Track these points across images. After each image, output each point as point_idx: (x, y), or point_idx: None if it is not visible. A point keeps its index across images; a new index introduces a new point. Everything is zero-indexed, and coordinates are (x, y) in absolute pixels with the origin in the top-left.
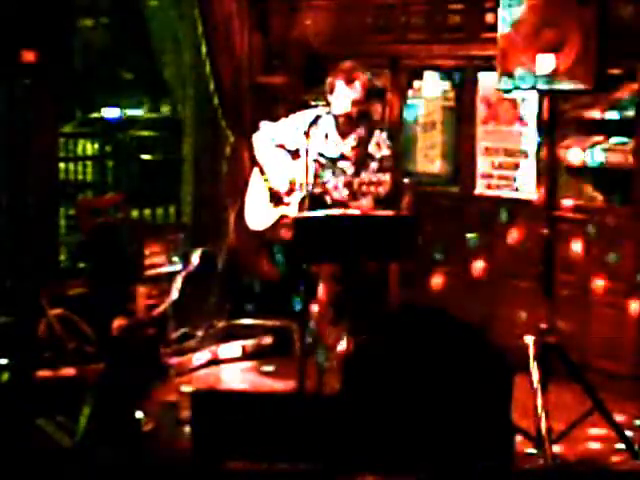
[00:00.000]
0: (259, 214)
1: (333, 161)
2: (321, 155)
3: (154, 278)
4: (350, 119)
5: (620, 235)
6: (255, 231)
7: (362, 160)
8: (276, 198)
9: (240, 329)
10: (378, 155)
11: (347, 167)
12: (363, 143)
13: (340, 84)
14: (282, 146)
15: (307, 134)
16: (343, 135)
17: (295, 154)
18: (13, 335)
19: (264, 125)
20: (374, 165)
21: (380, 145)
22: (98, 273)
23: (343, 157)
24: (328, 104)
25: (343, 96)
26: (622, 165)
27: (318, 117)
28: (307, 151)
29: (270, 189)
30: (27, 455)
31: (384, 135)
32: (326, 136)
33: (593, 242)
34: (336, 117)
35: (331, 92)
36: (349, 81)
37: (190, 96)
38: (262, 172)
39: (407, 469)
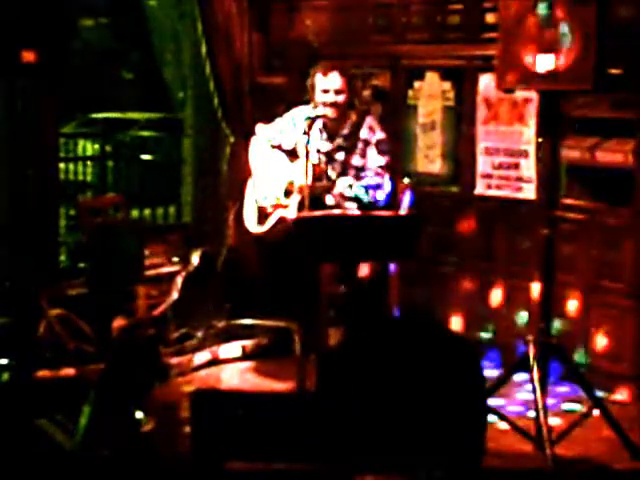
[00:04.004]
0: (256, 219)
1: (329, 154)
2: (318, 151)
3: (154, 278)
4: (339, 110)
5: (620, 235)
6: (254, 233)
7: (355, 146)
8: (263, 217)
9: (240, 329)
10: (374, 139)
11: (343, 157)
12: (354, 130)
13: (319, 78)
14: (279, 147)
15: (307, 133)
16: (334, 129)
17: (292, 156)
18: (13, 335)
19: (260, 128)
20: (372, 150)
21: (374, 129)
22: (98, 273)
23: (338, 148)
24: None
25: (323, 90)
26: (622, 165)
27: (318, 116)
28: (307, 151)
29: (259, 208)
30: (27, 455)
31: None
32: (320, 132)
33: (593, 242)
34: (324, 115)
35: (313, 91)
36: (325, 73)
37: (190, 96)
38: (254, 185)
39: (404, 467)
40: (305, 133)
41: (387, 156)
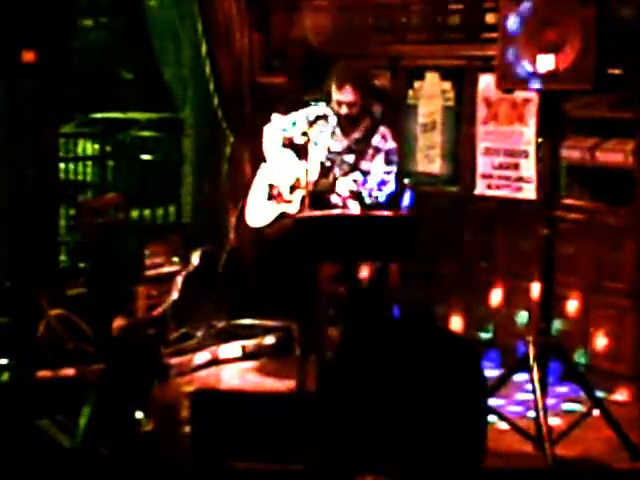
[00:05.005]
0: (259, 210)
1: (339, 155)
2: (329, 151)
3: (154, 278)
4: (351, 119)
5: (620, 235)
6: (254, 228)
7: (365, 152)
8: (274, 197)
9: (240, 329)
10: (384, 148)
11: (352, 160)
12: (367, 136)
13: (333, 90)
14: (290, 140)
15: (311, 124)
16: (346, 131)
17: (303, 152)
18: (13, 335)
19: (274, 117)
20: (380, 157)
21: (386, 137)
22: (98, 273)
23: (348, 150)
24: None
25: (337, 101)
26: (622, 165)
27: (319, 117)
28: (307, 149)
29: (270, 186)
30: (27, 455)
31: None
32: (333, 132)
33: (593, 242)
34: (338, 116)
35: (329, 98)
36: (339, 87)
37: (190, 96)
38: (267, 165)
39: (404, 467)
40: (310, 125)
41: (394, 165)
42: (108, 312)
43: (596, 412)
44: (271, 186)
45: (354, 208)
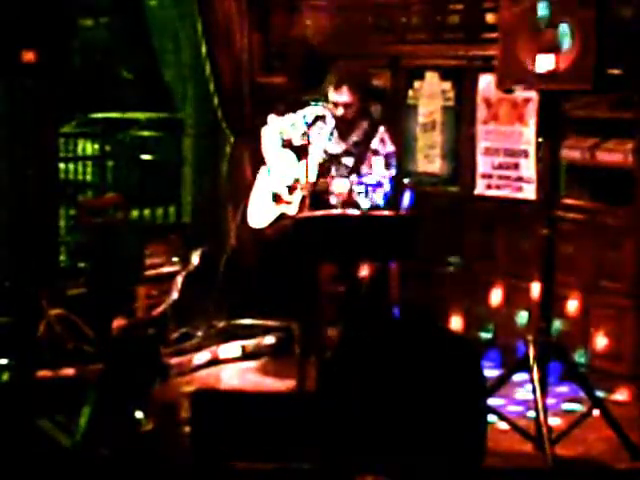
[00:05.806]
0: (260, 211)
1: (337, 157)
2: (325, 152)
3: (154, 278)
4: (347, 121)
5: (620, 235)
6: (255, 228)
7: (364, 156)
8: (278, 197)
9: (240, 329)
10: (383, 151)
11: (350, 163)
12: (366, 139)
13: (330, 91)
14: (289, 141)
15: (309, 127)
16: (344, 134)
17: (302, 153)
18: (13, 335)
19: (272, 119)
20: (379, 161)
21: (385, 141)
22: (98, 273)
23: (347, 153)
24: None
25: (333, 102)
26: (622, 165)
27: (318, 118)
28: (307, 150)
29: (275, 193)
30: (27, 455)
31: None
32: (331, 133)
33: (593, 242)
34: (335, 118)
35: (326, 98)
36: (336, 88)
37: (190, 96)
38: (267, 167)
39: (405, 467)
40: (308, 127)
41: (393, 169)
42: (108, 312)
43: (596, 412)
44: (276, 193)
45: (352, 209)
